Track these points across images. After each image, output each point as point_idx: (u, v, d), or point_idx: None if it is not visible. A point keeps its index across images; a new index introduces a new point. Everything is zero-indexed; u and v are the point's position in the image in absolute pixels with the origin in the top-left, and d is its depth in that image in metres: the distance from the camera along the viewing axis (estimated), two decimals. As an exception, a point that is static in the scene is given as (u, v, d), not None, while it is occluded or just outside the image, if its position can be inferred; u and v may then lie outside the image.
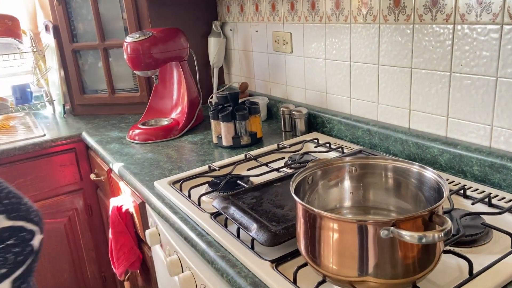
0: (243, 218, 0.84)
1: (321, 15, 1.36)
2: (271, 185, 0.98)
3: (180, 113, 1.63)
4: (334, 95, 1.40)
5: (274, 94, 1.70)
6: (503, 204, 0.87)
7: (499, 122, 0.95)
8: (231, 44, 1.90)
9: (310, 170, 0.75)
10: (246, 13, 1.73)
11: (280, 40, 1.57)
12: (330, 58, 1.38)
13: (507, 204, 0.87)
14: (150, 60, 1.51)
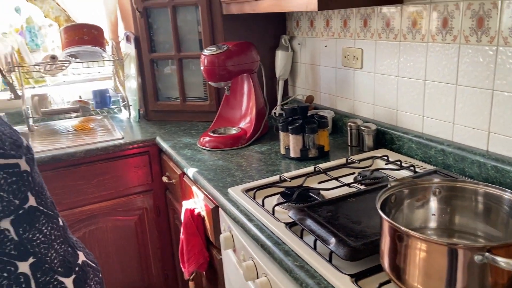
0: (321, 231, 0.87)
1: (396, 33, 1.37)
2: (345, 200, 1.01)
3: (248, 123, 1.69)
4: (405, 113, 1.40)
5: (340, 108, 1.72)
6: None
7: None
8: (298, 57, 1.95)
9: (395, 189, 0.77)
10: (316, 28, 1.77)
11: (350, 56, 1.59)
12: (403, 76, 1.38)
13: None
14: (224, 72, 1.59)
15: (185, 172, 1.48)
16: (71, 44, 1.88)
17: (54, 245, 0.78)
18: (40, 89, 2.09)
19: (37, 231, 0.75)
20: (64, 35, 1.90)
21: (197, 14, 1.88)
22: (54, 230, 0.79)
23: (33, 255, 0.74)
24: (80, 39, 1.87)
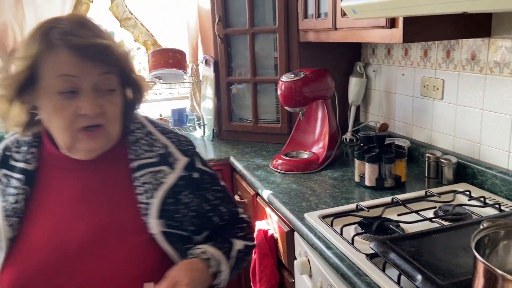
0: (406, 266, 0.87)
1: (482, 66, 1.34)
2: (429, 235, 1.00)
3: (321, 148, 1.72)
4: (489, 147, 1.36)
5: (416, 137, 1.69)
6: None
7: None
8: (372, 84, 1.95)
9: (490, 230, 0.76)
10: (393, 57, 1.78)
11: (429, 86, 1.57)
12: (488, 109, 1.34)
13: None
14: (300, 98, 1.64)
15: (258, 193, 1.53)
16: (157, 67, 2.04)
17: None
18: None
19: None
20: (151, 58, 2.07)
21: (274, 40, 1.96)
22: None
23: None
24: (166, 62, 2.02)
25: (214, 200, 0.92)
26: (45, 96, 0.77)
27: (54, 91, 0.76)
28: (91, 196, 0.83)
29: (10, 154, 0.84)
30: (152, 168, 0.84)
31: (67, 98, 0.76)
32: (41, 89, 0.77)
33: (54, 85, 0.75)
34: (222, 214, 0.94)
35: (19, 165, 0.83)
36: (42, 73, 0.76)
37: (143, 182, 0.83)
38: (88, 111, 0.76)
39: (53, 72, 0.75)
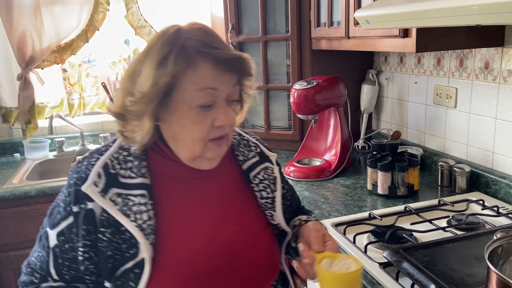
0: (419, 275, 0.88)
1: (495, 75, 1.34)
2: (443, 245, 1.00)
3: (333, 155, 1.73)
4: (503, 156, 1.35)
5: (429, 145, 1.69)
6: None
7: None
8: (385, 92, 1.96)
9: (503, 240, 0.77)
10: (406, 65, 1.78)
11: (443, 94, 1.58)
12: (502, 118, 1.34)
13: None
14: (313, 106, 1.65)
15: (271, 200, 1.54)
16: (172, 74, 2.06)
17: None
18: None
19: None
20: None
21: (287, 48, 1.98)
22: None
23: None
24: (180, 69, 2.05)
25: (290, 188, 1.01)
26: (181, 109, 0.73)
27: (193, 104, 0.72)
28: (214, 202, 0.83)
29: (115, 172, 0.75)
30: (261, 166, 0.89)
31: (205, 111, 0.73)
32: (177, 102, 0.73)
33: (195, 98, 0.72)
34: (297, 199, 1.04)
35: (136, 181, 0.75)
36: (180, 86, 0.72)
37: (261, 180, 0.87)
38: (224, 122, 0.75)
39: (194, 86, 0.72)
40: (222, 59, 0.72)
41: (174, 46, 0.71)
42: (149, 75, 0.70)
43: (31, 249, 0.83)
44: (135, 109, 0.72)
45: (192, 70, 0.71)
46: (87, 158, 0.78)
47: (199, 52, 0.71)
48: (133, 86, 0.72)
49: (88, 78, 2.27)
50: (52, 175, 1.97)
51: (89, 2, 2.09)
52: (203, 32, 0.75)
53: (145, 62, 0.72)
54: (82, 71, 2.24)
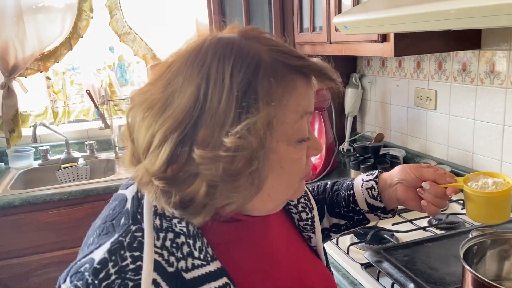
0: (399, 275, 0.89)
1: (472, 77, 1.38)
2: (422, 244, 1.02)
3: (318, 158, 1.75)
4: (481, 156, 1.38)
5: (411, 147, 1.72)
6: None
7: None
8: (368, 95, 1.99)
9: (477, 239, 0.79)
10: (387, 68, 1.81)
11: (423, 97, 1.61)
12: (480, 119, 1.37)
13: None
14: (297, 110, 1.67)
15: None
16: (157, 80, 2.07)
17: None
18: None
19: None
20: (151, 72, 2.11)
21: (271, 53, 2.00)
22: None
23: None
24: (165, 76, 2.06)
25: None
26: (277, 151, 0.51)
27: (294, 140, 0.53)
28: (278, 248, 0.65)
29: (174, 269, 0.49)
30: None
31: (301, 143, 0.54)
32: (273, 145, 0.51)
33: (295, 131, 0.52)
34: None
35: (208, 269, 0.51)
36: (276, 123, 0.50)
37: (297, 200, 0.73)
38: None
39: (294, 116, 0.52)
40: (319, 72, 0.54)
41: (257, 68, 0.49)
42: (233, 118, 0.47)
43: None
44: (225, 170, 0.47)
45: (289, 95, 0.51)
46: (112, 262, 0.47)
47: (292, 68, 0.52)
48: (197, 130, 0.48)
49: (72, 85, 2.27)
50: (36, 184, 1.95)
51: (73, 9, 2.09)
52: (273, 40, 0.54)
53: (213, 97, 0.48)
54: (66, 79, 2.23)
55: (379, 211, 0.78)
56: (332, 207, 0.82)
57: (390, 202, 0.77)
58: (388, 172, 0.78)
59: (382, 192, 0.76)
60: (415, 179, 0.72)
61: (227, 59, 0.49)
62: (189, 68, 0.50)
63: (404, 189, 0.74)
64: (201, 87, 0.48)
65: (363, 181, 0.79)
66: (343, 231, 0.83)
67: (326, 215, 0.83)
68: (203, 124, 0.48)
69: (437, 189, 0.70)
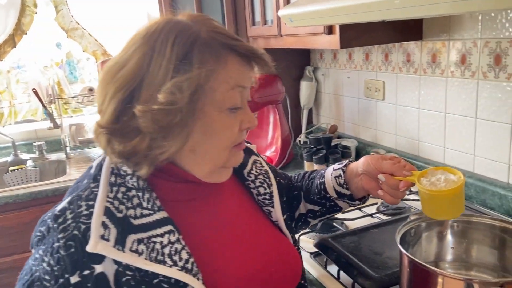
0: (344, 262, 0.92)
1: (416, 67, 1.43)
2: (368, 230, 1.05)
3: (274, 151, 1.76)
4: (426, 143, 1.44)
5: (363, 137, 1.77)
6: None
7: None
8: (322, 87, 2.02)
9: (414, 223, 0.82)
10: (339, 61, 1.85)
11: (372, 88, 1.65)
12: (424, 108, 1.42)
13: None
14: (251, 104, 1.66)
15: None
16: (108, 77, 2.01)
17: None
18: (77, 118, 2.23)
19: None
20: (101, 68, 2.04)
21: (225, 48, 1.99)
22: None
23: None
24: (116, 72, 2.00)
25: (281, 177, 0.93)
26: (209, 113, 0.61)
27: (225, 107, 0.62)
28: (234, 218, 0.73)
29: (123, 215, 0.58)
30: (250, 160, 0.80)
31: (233, 113, 0.63)
32: (204, 106, 0.60)
33: (227, 99, 0.61)
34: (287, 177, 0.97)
35: (155, 217, 0.60)
36: (208, 87, 0.60)
37: (255, 176, 0.79)
38: (253, 124, 0.67)
39: (225, 85, 0.61)
40: (248, 53, 0.63)
41: (193, 42, 0.59)
42: (169, 81, 0.57)
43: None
44: (157, 121, 0.57)
45: (221, 68, 0.61)
46: (69, 209, 0.57)
47: (226, 45, 0.61)
48: (141, 91, 0.58)
49: (18, 84, 2.16)
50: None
51: (15, 5, 1.99)
52: (216, 24, 0.64)
53: (155, 64, 0.58)
54: (11, 78, 2.13)
55: (346, 198, 0.84)
56: (307, 193, 0.89)
57: (357, 190, 0.83)
58: (356, 162, 0.84)
59: (350, 181, 0.83)
60: (375, 171, 0.77)
61: (171, 35, 0.60)
62: (141, 41, 0.60)
63: (367, 179, 0.79)
64: (146, 55, 0.59)
65: (333, 170, 0.86)
66: (319, 217, 0.90)
67: (302, 201, 0.91)
68: (145, 86, 0.58)
69: (392, 182, 0.75)
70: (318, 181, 0.88)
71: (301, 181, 0.94)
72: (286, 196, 0.89)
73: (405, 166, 0.77)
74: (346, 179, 0.83)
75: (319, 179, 0.88)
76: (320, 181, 0.87)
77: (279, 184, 0.86)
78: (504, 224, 0.76)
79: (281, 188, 0.88)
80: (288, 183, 0.93)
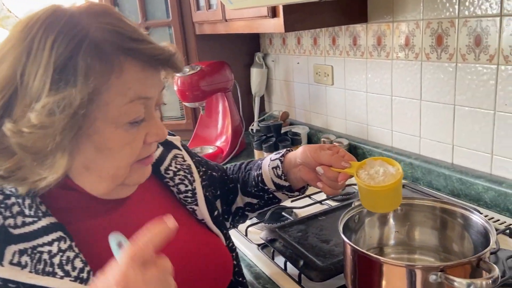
0: (290, 252, 0.88)
1: (362, 51, 1.41)
2: (316, 218, 1.02)
3: (224, 141, 1.71)
4: (375, 127, 1.44)
5: (314, 123, 1.75)
6: (551, 246, 0.87)
7: (546, 162, 0.95)
8: (273, 74, 1.98)
9: (357, 209, 0.79)
10: (288, 46, 1.81)
11: (321, 73, 1.63)
12: (371, 92, 1.42)
13: (556, 246, 0.87)
14: (198, 93, 1.60)
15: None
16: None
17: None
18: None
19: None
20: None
21: (170, 35, 1.90)
22: None
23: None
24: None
25: (208, 167, 0.85)
26: (103, 130, 0.51)
27: (122, 122, 0.52)
28: (142, 218, 0.61)
29: (0, 225, 0.51)
30: (169, 155, 0.72)
31: (135, 126, 0.54)
32: (96, 121, 0.50)
33: (123, 114, 0.51)
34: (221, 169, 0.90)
35: (41, 224, 0.53)
36: (100, 100, 0.50)
37: (174, 172, 0.71)
38: (160, 137, 0.57)
39: (121, 98, 0.51)
40: (153, 57, 0.52)
41: (79, 44, 0.48)
42: (45, 96, 0.46)
43: None
44: (26, 148, 0.48)
45: (115, 77, 0.50)
46: None
47: (122, 49, 0.50)
48: (14, 104, 0.48)
49: None
50: None
51: None
52: (115, 19, 0.52)
53: (30, 72, 0.47)
54: None
55: (284, 189, 0.80)
56: (244, 186, 0.85)
57: (296, 181, 0.79)
58: (294, 152, 0.80)
59: (289, 172, 0.79)
60: (313, 162, 0.74)
61: (51, 32, 0.48)
62: (18, 36, 0.49)
63: (306, 170, 0.76)
64: (21, 58, 0.48)
65: (270, 160, 0.81)
66: (257, 210, 0.86)
67: (239, 194, 0.86)
68: (19, 98, 0.48)
69: (330, 174, 0.73)
70: (255, 172, 0.84)
71: (237, 172, 0.90)
72: (221, 189, 0.85)
73: (344, 156, 0.74)
74: (284, 170, 0.80)
75: (256, 170, 0.84)
76: (257, 172, 0.83)
77: (211, 178, 0.81)
78: (444, 205, 0.75)
79: (213, 182, 0.84)
80: (223, 176, 0.88)
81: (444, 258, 0.76)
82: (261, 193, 0.83)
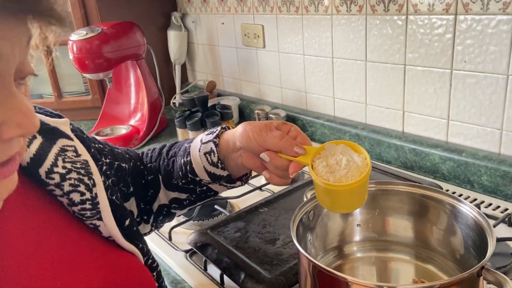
0: (227, 261, 0.68)
1: (297, 5, 1.21)
2: (256, 211, 0.83)
3: (140, 119, 1.43)
4: (315, 95, 1.26)
5: (246, 93, 1.54)
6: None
7: (511, 126, 0.84)
8: (194, 37, 1.71)
9: (310, 203, 0.61)
10: (209, 3, 1.55)
11: (250, 34, 1.40)
12: (309, 54, 1.23)
13: (526, 221, 0.77)
14: (101, 61, 1.29)
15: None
16: None
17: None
18: None
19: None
20: None
21: (63, -10, 1.54)
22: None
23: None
24: None
25: (114, 158, 0.63)
26: None
27: None
28: (16, 247, 0.41)
29: None
30: (53, 150, 0.47)
31: None
32: None
33: None
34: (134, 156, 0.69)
35: None
36: None
37: (61, 175, 0.46)
38: (27, 128, 0.32)
39: None
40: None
41: None
42: None
43: None
44: None
45: None
46: None
47: None
48: None
49: None
50: None
51: None
52: None
53: None
54: None
55: (222, 180, 0.62)
56: (167, 177, 0.64)
57: (237, 169, 0.61)
58: (232, 130, 0.61)
59: (227, 158, 0.61)
60: (257, 147, 0.57)
61: None
62: None
63: (249, 155, 0.59)
64: None
65: (201, 143, 0.61)
66: (187, 206, 0.67)
67: (162, 189, 0.65)
68: None
69: (279, 163, 0.56)
70: (181, 160, 0.63)
71: (157, 160, 0.67)
72: (135, 185, 0.63)
73: (296, 138, 0.55)
74: (221, 156, 0.60)
75: (183, 157, 0.63)
76: (185, 160, 0.62)
77: (119, 171, 0.58)
78: (422, 191, 0.59)
79: (123, 176, 0.61)
80: (137, 166, 0.64)
81: (424, 257, 0.60)
82: (191, 186, 0.63)
